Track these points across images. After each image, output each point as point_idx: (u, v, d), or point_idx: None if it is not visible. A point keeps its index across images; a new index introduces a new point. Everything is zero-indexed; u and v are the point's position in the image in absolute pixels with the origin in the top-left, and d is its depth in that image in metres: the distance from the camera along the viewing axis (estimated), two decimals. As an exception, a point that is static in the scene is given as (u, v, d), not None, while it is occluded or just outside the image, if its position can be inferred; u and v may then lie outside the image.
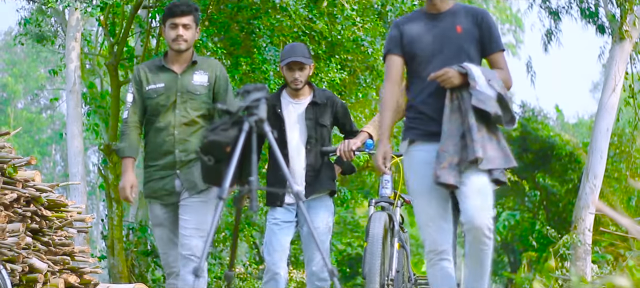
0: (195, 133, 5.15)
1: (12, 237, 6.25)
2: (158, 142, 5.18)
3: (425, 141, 4.34)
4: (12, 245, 6.16)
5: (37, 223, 6.68)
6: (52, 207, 6.98)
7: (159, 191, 5.20)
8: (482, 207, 4.15)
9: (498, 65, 4.39)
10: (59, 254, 6.99)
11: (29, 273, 6.39)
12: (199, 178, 5.05)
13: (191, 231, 5.07)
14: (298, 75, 5.58)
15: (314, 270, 5.53)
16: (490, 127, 4.23)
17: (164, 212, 5.24)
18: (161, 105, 5.17)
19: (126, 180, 5.16)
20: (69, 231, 7.25)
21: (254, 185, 4.11)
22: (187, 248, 5.07)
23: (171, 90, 5.17)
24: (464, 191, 4.20)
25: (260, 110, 4.10)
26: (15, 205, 6.42)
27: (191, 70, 5.22)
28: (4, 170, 6.36)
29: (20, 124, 39.15)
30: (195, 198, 5.13)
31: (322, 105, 5.67)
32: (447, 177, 4.16)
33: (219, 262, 15.96)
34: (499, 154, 4.22)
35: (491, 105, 4.16)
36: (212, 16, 12.21)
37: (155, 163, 5.20)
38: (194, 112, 5.16)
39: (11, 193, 6.32)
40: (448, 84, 4.20)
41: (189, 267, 5.05)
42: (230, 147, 4.16)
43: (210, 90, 5.22)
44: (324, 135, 5.68)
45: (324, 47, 12.31)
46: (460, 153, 4.19)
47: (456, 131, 4.20)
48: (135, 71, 5.36)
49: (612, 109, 14.62)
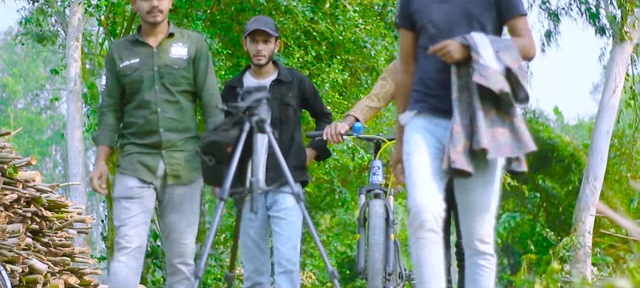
0: (179, 111, 4.75)
1: (12, 237, 6.24)
2: (140, 122, 4.74)
3: (433, 115, 3.80)
4: (12, 246, 6.15)
5: (37, 224, 6.68)
6: (52, 208, 6.97)
7: (138, 165, 4.72)
8: (483, 222, 3.75)
9: (517, 32, 3.82)
10: (59, 255, 6.99)
11: (29, 274, 6.39)
12: (184, 168, 4.73)
13: (182, 234, 4.74)
14: (261, 47, 5.16)
15: (282, 251, 5.07)
16: (503, 106, 3.68)
17: (138, 185, 4.71)
18: (137, 82, 4.73)
19: (96, 170, 4.76)
20: (69, 232, 7.25)
21: (255, 186, 4.11)
22: (179, 255, 4.75)
23: (147, 65, 4.74)
24: (466, 199, 3.79)
25: (261, 111, 4.11)
26: (15, 206, 6.41)
27: (168, 42, 4.78)
28: (4, 170, 6.35)
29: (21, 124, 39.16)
30: (180, 195, 4.74)
31: (287, 84, 5.23)
32: (463, 162, 3.60)
33: (219, 264, 15.94)
34: (511, 141, 3.65)
35: (495, 81, 3.60)
36: (214, 17, 12.20)
37: (139, 142, 4.75)
38: (174, 88, 4.73)
39: (11, 194, 6.32)
40: (449, 58, 3.67)
41: (179, 276, 4.75)
42: (231, 148, 4.15)
43: (190, 63, 4.79)
44: (290, 116, 5.22)
45: (325, 48, 12.32)
46: (470, 138, 3.66)
47: (465, 112, 3.67)
48: (109, 50, 4.92)
49: (612, 110, 14.61)
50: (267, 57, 5.19)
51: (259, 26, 5.13)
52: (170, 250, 4.77)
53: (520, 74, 3.65)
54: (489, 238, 3.79)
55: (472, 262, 3.83)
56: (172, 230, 4.75)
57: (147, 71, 4.73)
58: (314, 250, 20.52)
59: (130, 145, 4.78)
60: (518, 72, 3.65)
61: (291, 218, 5.12)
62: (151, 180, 4.71)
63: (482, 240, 3.77)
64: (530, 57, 3.81)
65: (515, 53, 3.70)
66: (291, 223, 5.10)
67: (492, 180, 3.76)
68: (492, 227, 3.78)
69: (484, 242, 3.78)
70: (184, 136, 4.75)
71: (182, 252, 4.74)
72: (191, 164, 4.74)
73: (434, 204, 3.63)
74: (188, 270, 4.75)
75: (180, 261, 4.74)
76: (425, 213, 3.60)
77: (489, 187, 3.76)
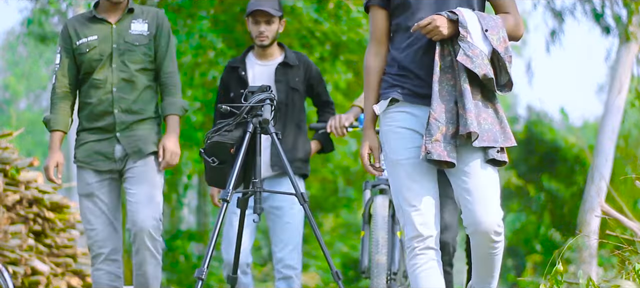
0: (135, 90, 4.51)
1: (14, 239, 6.23)
2: (94, 102, 4.50)
3: (411, 103, 3.45)
4: (15, 247, 6.13)
5: (40, 225, 6.66)
6: (54, 209, 6.95)
7: (94, 156, 4.52)
8: (489, 205, 3.37)
9: (504, 8, 3.51)
10: (62, 256, 6.97)
11: (31, 275, 6.37)
12: (143, 140, 4.50)
13: (139, 205, 4.43)
14: (264, 28, 4.93)
15: (280, 257, 4.93)
16: (487, 92, 3.40)
17: (97, 180, 4.52)
18: (95, 60, 4.48)
19: (51, 159, 4.53)
20: (71, 233, 7.22)
21: (259, 187, 4.08)
22: (136, 224, 4.42)
23: (106, 42, 4.50)
24: (465, 184, 3.40)
25: (265, 111, 4.08)
26: (17, 207, 6.39)
27: (128, 19, 4.55)
28: (6, 171, 6.33)
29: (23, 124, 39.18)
30: (141, 166, 4.50)
31: (294, 67, 5.02)
32: (441, 152, 3.31)
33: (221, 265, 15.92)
34: (497, 128, 3.39)
35: (480, 64, 3.31)
36: (218, 17, 12.18)
37: (92, 126, 4.53)
38: (133, 66, 4.49)
39: (14, 195, 6.30)
40: (436, 35, 3.33)
41: (143, 253, 4.43)
42: (235, 149, 4.12)
43: (151, 40, 4.56)
44: (296, 102, 5.05)
45: (328, 48, 12.31)
46: (454, 123, 3.35)
47: (448, 95, 3.36)
48: (63, 27, 4.63)
49: (618, 111, 14.58)
50: (271, 38, 4.97)
51: (260, 6, 4.90)
52: (131, 224, 4.47)
53: (506, 58, 3.38)
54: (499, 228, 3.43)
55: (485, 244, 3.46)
56: (133, 201, 4.46)
57: (106, 49, 4.50)
58: (317, 251, 20.49)
59: (84, 132, 4.59)
60: (504, 56, 3.38)
61: (287, 218, 4.96)
62: (110, 168, 4.51)
63: (495, 227, 3.41)
64: (518, 36, 3.51)
65: (503, 33, 3.41)
66: (288, 223, 4.96)
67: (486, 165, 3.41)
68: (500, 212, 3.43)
69: (497, 232, 3.43)
70: (139, 117, 4.52)
71: (137, 221, 4.43)
72: (149, 138, 4.52)
73: (431, 220, 3.42)
74: (152, 244, 4.45)
75: (138, 229, 4.43)
76: (424, 232, 3.41)
77: (485, 172, 3.40)
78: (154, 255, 4.48)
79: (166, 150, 4.49)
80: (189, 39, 10.86)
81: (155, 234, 4.45)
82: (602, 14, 15.51)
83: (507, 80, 3.39)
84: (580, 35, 56.89)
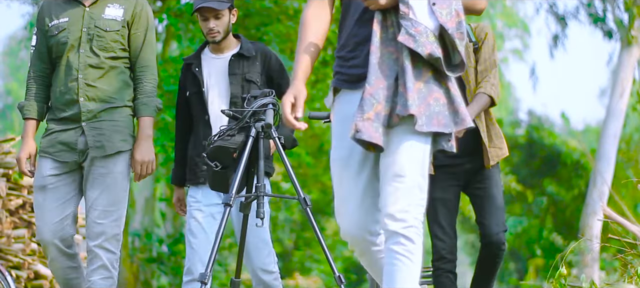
0: (104, 78, 4.19)
1: (17, 243, 6.24)
2: (61, 90, 4.18)
3: (352, 88, 3.09)
4: (18, 252, 6.14)
5: (43, 230, 6.66)
6: (57, 213, 6.95)
7: (57, 146, 4.17)
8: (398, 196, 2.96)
9: None
10: (65, 260, 6.97)
11: (34, 279, 6.38)
12: (108, 136, 4.17)
13: (101, 213, 4.13)
14: (213, 24, 4.61)
15: (257, 264, 4.63)
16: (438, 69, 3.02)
17: (54, 171, 4.17)
18: (61, 44, 4.18)
19: (23, 149, 4.21)
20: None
21: (262, 191, 4.09)
22: (95, 237, 4.12)
23: (75, 25, 4.19)
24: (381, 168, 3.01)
25: (267, 116, 4.09)
26: (20, 211, 6.40)
27: (103, 2, 4.23)
28: (9, 176, 6.34)
29: (26, 129, 39.19)
30: (102, 168, 4.15)
31: (250, 58, 4.69)
32: (372, 133, 2.92)
33: (224, 269, 15.93)
34: (447, 111, 3.00)
35: (425, 43, 2.91)
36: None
37: (59, 116, 4.20)
38: (102, 52, 4.18)
39: (17, 199, 6.31)
40: (372, 4, 2.99)
41: (95, 264, 4.11)
42: (237, 153, 4.13)
43: (126, 27, 4.23)
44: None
45: (330, 52, 12.32)
46: (392, 101, 2.96)
47: (389, 70, 2.97)
48: (39, 8, 4.34)
49: (619, 114, 14.59)
50: (222, 32, 4.65)
51: (205, 3, 4.57)
52: (87, 230, 4.16)
53: (456, 35, 2.98)
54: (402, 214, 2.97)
55: (386, 249, 3.01)
56: (91, 207, 4.14)
57: (75, 32, 4.19)
58: (320, 255, 20.49)
59: (52, 121, 4.24)
60: (454, 33, 2.97)
61: (264, 235, 4.66)
62: (72, 159, 4.17)
63: (392, 215, 2.97)
64: (478, 9, 3.18)
65: (456, 4, 3.01)
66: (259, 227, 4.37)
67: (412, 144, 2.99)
68: (411, 201, 2.97)
69: (395, 218, 2.97)
70: (107, 106, 4.18)
71: (98, 234, 4.12)
72: (117, 134, 4.20)
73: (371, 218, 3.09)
74: (107, 257, 4.14)
75: (97, 244, 4.12)
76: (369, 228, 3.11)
77: (408, 150, 2.99)
78: (107, 268, 4.17)
79: (136, 163, 4.22)
80: (193, 44, 10.89)
81: (108, 244, 4.16)
82: (602, 18, 15.53)
83: (460, 60, 3.01)
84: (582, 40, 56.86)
